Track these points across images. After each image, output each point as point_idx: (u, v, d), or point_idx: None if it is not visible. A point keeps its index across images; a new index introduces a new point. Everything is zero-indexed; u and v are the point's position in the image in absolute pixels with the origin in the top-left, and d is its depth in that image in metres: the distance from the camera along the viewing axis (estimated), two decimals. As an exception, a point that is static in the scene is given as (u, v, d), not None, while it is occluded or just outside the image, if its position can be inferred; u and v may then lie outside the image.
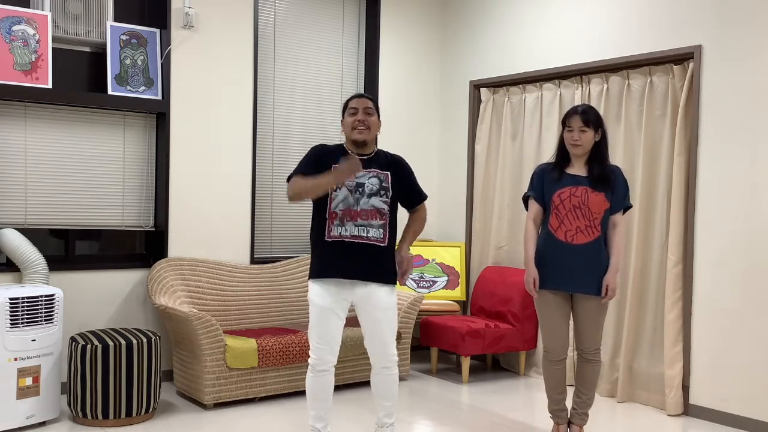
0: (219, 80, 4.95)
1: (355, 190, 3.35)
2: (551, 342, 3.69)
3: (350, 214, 3.33)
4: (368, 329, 3.41)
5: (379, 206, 3.37)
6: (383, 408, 3.51)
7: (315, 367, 3.35)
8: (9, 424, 3.71)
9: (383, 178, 3.41)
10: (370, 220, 3.34)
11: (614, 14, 4.77)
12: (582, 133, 3.56)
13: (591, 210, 3.57)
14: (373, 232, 3.35)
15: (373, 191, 3.36)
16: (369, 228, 3.34)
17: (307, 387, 3.40)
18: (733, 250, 4.15)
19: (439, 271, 5.73)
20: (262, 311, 4.93)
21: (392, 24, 5.83)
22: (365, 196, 3.35)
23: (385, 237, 3.37)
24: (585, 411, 3.74)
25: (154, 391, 4.00)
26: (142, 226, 4.83)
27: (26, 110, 4.39)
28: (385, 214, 3.38)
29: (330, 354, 3.36)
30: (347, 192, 3.34)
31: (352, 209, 3.34)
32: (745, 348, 4.09)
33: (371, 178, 3.39)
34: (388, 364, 3.43)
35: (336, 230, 3.34)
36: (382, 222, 3.37)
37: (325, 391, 3.39)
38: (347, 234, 3.33)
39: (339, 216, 3.33)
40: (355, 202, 3.34)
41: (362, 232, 3.34)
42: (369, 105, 3.41)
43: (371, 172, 3.40)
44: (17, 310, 3.71)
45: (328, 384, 3.39)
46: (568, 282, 3.61)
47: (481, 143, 5.70)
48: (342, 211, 3.34)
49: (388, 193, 3.40)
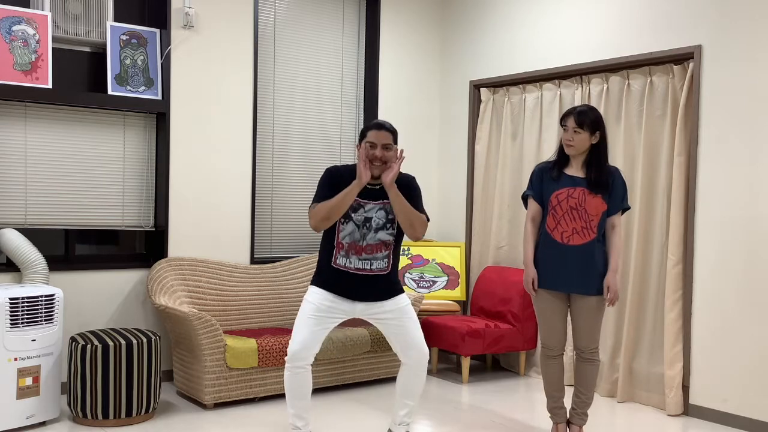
0: (219, 80, 4.95)
1: (363, 225, 3.34)
2: (548, 338, 3.71)
3: (355, 249, 3.34)
4: (400, 337, 3.42)
5: (385, 239, 3.38)
6: (405, 407, 3.52)
7: (293, 361, 3.33)
8: (9, 424, 3.71)
9: (389, 209, 3.37)
10: (375, 253, 3.36)
11: (614, 14, 4.77)
12: (575, 134, 3.56)
13: (588, 212, 3.57)
14: (377, 264, 3.38)
15: (379, 225, 3.36)
16: (373, 261, 3.37)
17: (285, 384, 3.39)
18: (733, 250, 4.15)
19: (439, 271, 5.73)
20: (262, 311, 4.93)
21: (392, 24, 5.83)
22: (372, 230, 3.35)
23: (389, 265, 3.41)
24: (584, 411, 3.74)
25: (154, 391, 4.00)
26: (142, 226, 4.83)
27: (26, 110, 4.39)
28: (390, 244, 3.40)
29: (308, 351, 3.34)
30: (354, 226, 3.34)
31: (358, 244, 3.34)
32: (745, 348, 4.09)
33: (378, 210, 3.36)
34: (423, 361, 3.44)
35: (341, 260, 3.36)
36: (387, 252, 3.39)
37: (304, 389, 3.39)
38: (351, 266, 3.35)
39: (345, 248, 3.35)
40: (362, 238, 3.34)
41: (366, 266, 3.36)
42: (389, 141, 3.30)
43: (378, 203, 3.37)
44: (17, 310, 3.71)
45: (306, 382, 3.38)
46: (564, 282, 3.61)
47: (481, 143, 5.70)
48: (348, 244, 3.34)
49: (394, 225, 3.39)
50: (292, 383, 3.37)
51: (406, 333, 3.42)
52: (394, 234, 3.40)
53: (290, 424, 3.45)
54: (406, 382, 3.48)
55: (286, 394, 3.41)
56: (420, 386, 3.50)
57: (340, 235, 3.35)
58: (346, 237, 3.34)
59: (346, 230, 3.34)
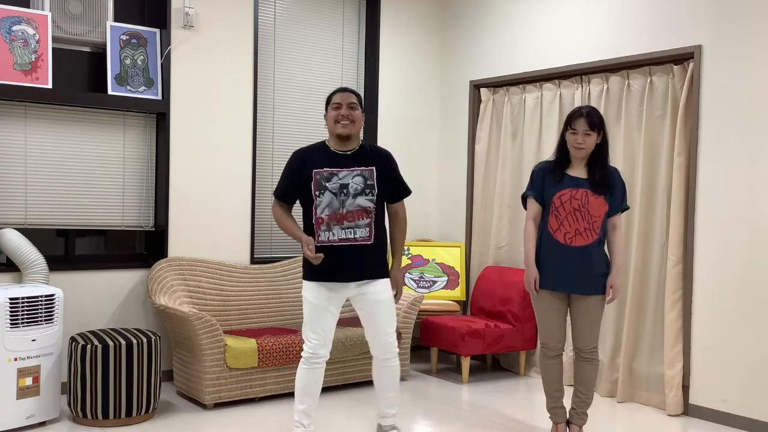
0: (219, 80, 4.95)
1: (340, 192, 3.36)
2: (548, 337, 3.71)
3: (336, 218, 3.36)
4: (367, 322, 3.50)
5: (365, 205, 3.39)
6: (385, 399, 3.58)
7: (308, 360, 3.42)
8: (9, 424, 3.71)
9: (368, 175, 3.41)
10: (357, 220, 3.38)
11: (614, 14, 4.77)
12: (586, 137, 3.55)
13: (591, 213, 3.57)
14: (360, 232, 3.38)
15: (357, 191, 3.38)
16: (356, 229, 3.38)
17: (297, 380, 3.45)
18: (733, 250, 4.15)
19: (439, 271, 5.73)
20: (262, 311, 4.93)
21: (392, 24, 5.83)
22: (350, 197, 3.37)
23: (371, 235, 3.41)
24: (584, 411, 3.74)
25: (154, 391, 4.00)
26: (142, 226, 4.83)
27: (26, 110, 4.39)
28: (371, 211, 3.41)
29: (323, 348, 3.43)
30: (331, 195, 3.36)
31: (338, 213, 3.36)
32: (745, 348, 4.09)
33: (355, 176, 3.39)
34: (387, 355, 3.50)
35: (324, 235, 3.38)
36: (368, 220, 3.40)
37: (315, 386, 3.45)
38: (335, 238, 3.37)
39: (325, 221, 3.37)
40: (341, 205, 3.36)
41: (349, 234, 3.38)
42: (353, 100, 3.42)
43: (354, 170, 3.40)
44: (17, 310, 3.71)
45: (319, 378, 3.46)
46: (565, 283, 3.61)
47: (481, 143, 5.70)
48: (328, 216, 3.36)
49: (373, 191, 3.41)
50: (307, 379, 3.43)
51: (376, 326, 3.47)
52: (374, 201, 3.41)
53: (296, 421, 3.47)
54: (376, 374, 3.56)
55: (296, 390, 3.45)
56: (392, 378, 3.54)
57: (318, 210, 3.37)
58: (325, 209, 3.36)
59: (324, 201, 3.36)
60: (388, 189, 3.51)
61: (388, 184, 3.50)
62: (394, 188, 3.54)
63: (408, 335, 4.97)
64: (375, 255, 3.44)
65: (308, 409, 3.45)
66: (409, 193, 3.62)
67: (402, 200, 3.60)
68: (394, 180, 3.53)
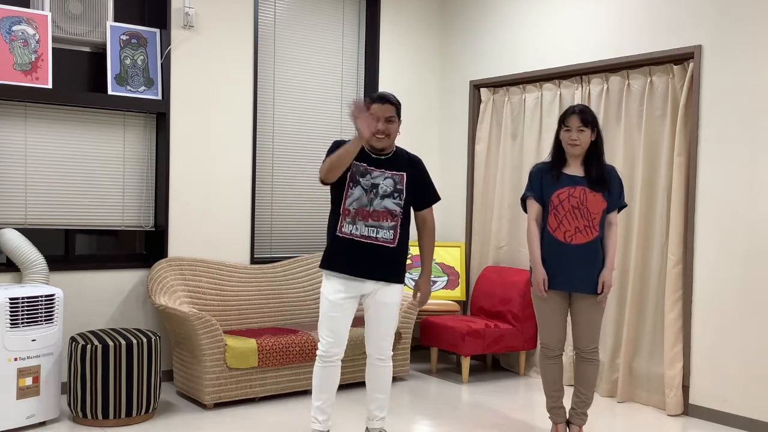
0: (219, 80, 4.95)
1: (370, 191, 3.39)
2: (548, 338, 3.71)
3: (362, 214, 3.38)
4: (370, 323, 3.52)
5: (392, 208, 3.41)
6: (375, 400, 3.60)
7: (322, 358, 3.46)
8: (9, 424, 3.71)
9: (398, 180, 3.43)
10: (381, 221, 3.40)
11: (614, 14, 4.77)
12: (580, 133, 3.57)
13: (590, 210, 3.57)
14: (382, 233, 3.40)
15: (387, 193, 3.40)
16: (379, 229, 3.40)
17: (314, 377, 3.50)
18: (733, 250, 4.15)
19: (439, 271, 5.73)
20: (262, 311, 4.93)
21: (392, 24, 5.83)
22: (379, 197, 3.39)
23: (395, 238, 3.43)
24: (584, 411, 3.74)
25: (154, 391, 4.00)
26: (142, 226, 4.83)
27: (26, 110, 4.39)
28: (397, 215, 3.42)
29: (338, 346, 3.46)
30: (362, 191, 3.38)
31: (365, 209, 3.38)
32: (745, 348, 4.09)
33: (386, 179, 3.42)
34: (382, 356, 3.54)
35: (347, 227, 3.40)
36: (393, 223, 3.42)
37: (331, 383, 3.49)
38: (357, 233, 3.39)
39: (351, 214, 3.39)
40: (369, 203, 3.38)
41: (372, 233, 3.39)
42: (391, 113, 3.38)
43: (386, 173, 3.42)
44: (17, 310, 3.71)
45: (335, 376, 3.49)
46: (566, 282, 3.61)
47: (481, 143, 5.70)
48: (355, 210, 3.39)
49: (401, 196, 3.44)
50: (322, 376, 3.46)
51: (378, 327, 3.50)
52: (401, 206, 3.43)
53: (312, 417, 3.52)
54: (369, 374, 3.59)
55: (313, 387, 3.50)
56: (383, 379, 3.57)
57: (347, 201, 3.39)
58: (354, 203, 3.38)
59: (354, 195, 3.38)
60: (417, 195, 3.53)
61: (417, 190, 3.51)
62: (423, 194, 3.54)
63: (408, 335, 4.97)
64: (395, 259, 3.46)
65: (324, 405, 3.50)
66: (437, 200, 3.61)
67: (431, 207, 3.59)
68: (424, 186, 3.54)
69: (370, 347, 3.55)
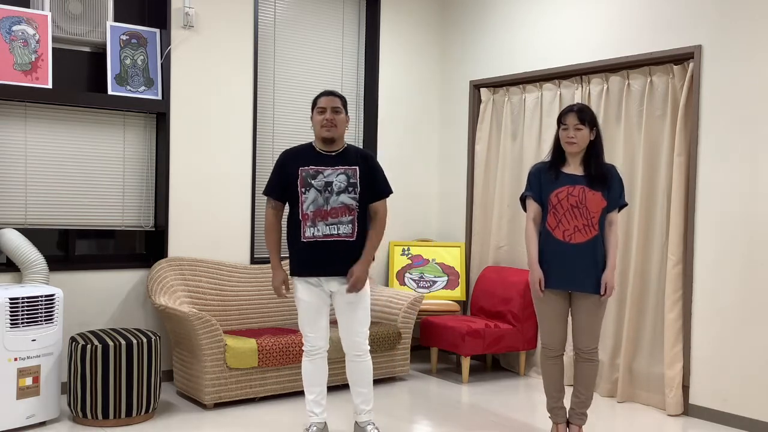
0: (219, 80, 4.96)
1: (324, 189, 3.52)
2: (549, 338, 3.71)
3: (321, 215, 3.52)
4: (340, 319, 3.64)
5: (348, 203, 3.54)
6: (359, 395, 3.70)
7: (309, 352, 3.63)
8: (9, 424, 3.71)
9: (351, 174, 3.56)
10: (340, 217, 3.53)
11: (614, 14, 4.77)
12: (577, 131, 3.57)
13: (589, 209, 3.57)
14: (343, 228, 3.53)
15: (341, 188, 3.53)
16: (339, 225, 3.53)
17: (303, 373, 3.66)
18: (733, 250, 4.15)
19: (439, 271, 5.73)
20: (262, 311, 4.93)
21: (392, 24, 5.83)
22: (334, 194, 3.53)
23: (354, 231, 3.55)
24: (583, 411, 3.74)
25: (154, 391, 4.00)
26: (142, 226, 4.83)
27: (26, 110, 4.39)
28: (354, 209, 3.55)
29: (322, 341, 3.64)
30: (316, 192, 3.52)
31: (322, 209, 3.52)
32: (745, 348, 4.09)
33: (339, 175, 3.55)
34: (358, 352, 3.64)
35: (309, 231, 3.52)
36: (351, 218, 3.54)
37: (321, 375, 3.65)
38: (320, 234, 3.52)
39: (311, 217, 3.52)
40: (325, 202, 3.52)
41: (333, 230, 3.53)
42: (337, 104, 3.58)
43: (338, 169, 3.56)
44: (17, 310, 3.71)
45: (323, 368, 3.66)
46: (566, 281, 3.61)
47: (481, 143, 5.70)
48: (313, 212, 3.51)
49: (356, 189, 3.56)
50: (311, 370, 3.64)
51: (350, 324, 3.60)
52: (356, 199, 3.55)
53: (308, 411, 3.66)
54: (349, 370, 3.69)
55: (304, 382, 3.66)
56: (364, 373, 3.66)
57: (304, 206, 3.52)
58: (311, 206, 3.51)
59: (309, 198, 3.51)
60: (371, 187, 3.63)
61: (369, 184, 3.61)
62: (375, 187, 3.64)
63: (408, 335, 4.97)
64: (356, 253, 3.56)
65: (318, 398, 3.64)
66: (389, 193, 3.71)
67: (383, 200, 3.67)
68: (375, 179, 3.64)
69: (345, 345, 3.66)
